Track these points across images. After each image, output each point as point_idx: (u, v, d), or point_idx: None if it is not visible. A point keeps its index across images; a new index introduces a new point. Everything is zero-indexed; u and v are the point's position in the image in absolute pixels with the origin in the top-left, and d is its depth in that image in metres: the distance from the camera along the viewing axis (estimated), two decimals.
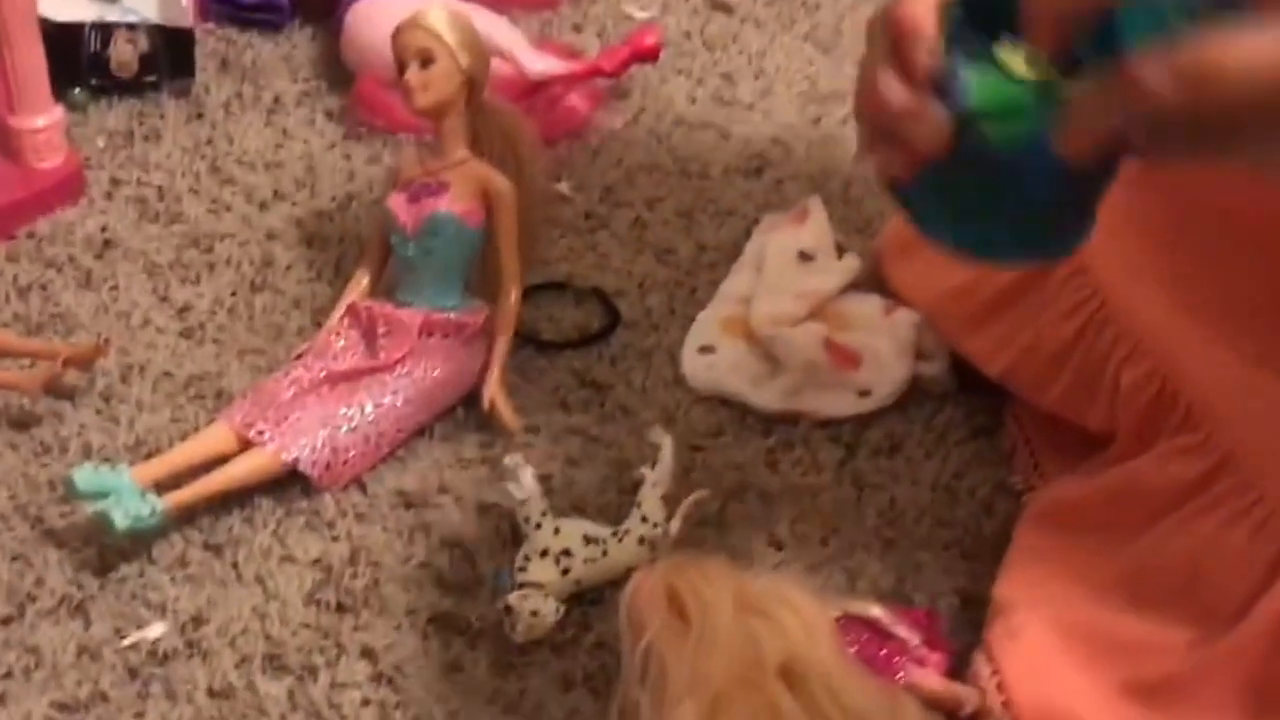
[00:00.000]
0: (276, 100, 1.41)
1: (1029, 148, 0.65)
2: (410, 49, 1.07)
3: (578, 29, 1.59)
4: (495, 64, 1.33)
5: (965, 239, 0.72)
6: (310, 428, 1.00)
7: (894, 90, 0.66)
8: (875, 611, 0.92)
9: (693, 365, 1.15)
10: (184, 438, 1.02)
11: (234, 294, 1.17)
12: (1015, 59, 0.66)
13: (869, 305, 1.20)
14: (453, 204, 1.06)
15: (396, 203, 1.08)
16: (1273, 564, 0.82)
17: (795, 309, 1.17)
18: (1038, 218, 0.70)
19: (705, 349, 1.16)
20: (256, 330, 1.14)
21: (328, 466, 0.99)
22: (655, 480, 0.99)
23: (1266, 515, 0.84)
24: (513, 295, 1.08)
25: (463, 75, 1.07)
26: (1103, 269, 0.98)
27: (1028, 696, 0.86)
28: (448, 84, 1.07)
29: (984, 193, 0.69)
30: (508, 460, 0.98)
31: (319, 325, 1.12)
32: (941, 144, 0.66)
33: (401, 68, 1.08)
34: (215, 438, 1.00)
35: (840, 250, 1.26)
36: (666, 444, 1.01)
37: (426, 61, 1.07)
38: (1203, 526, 0.86)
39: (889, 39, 0.67)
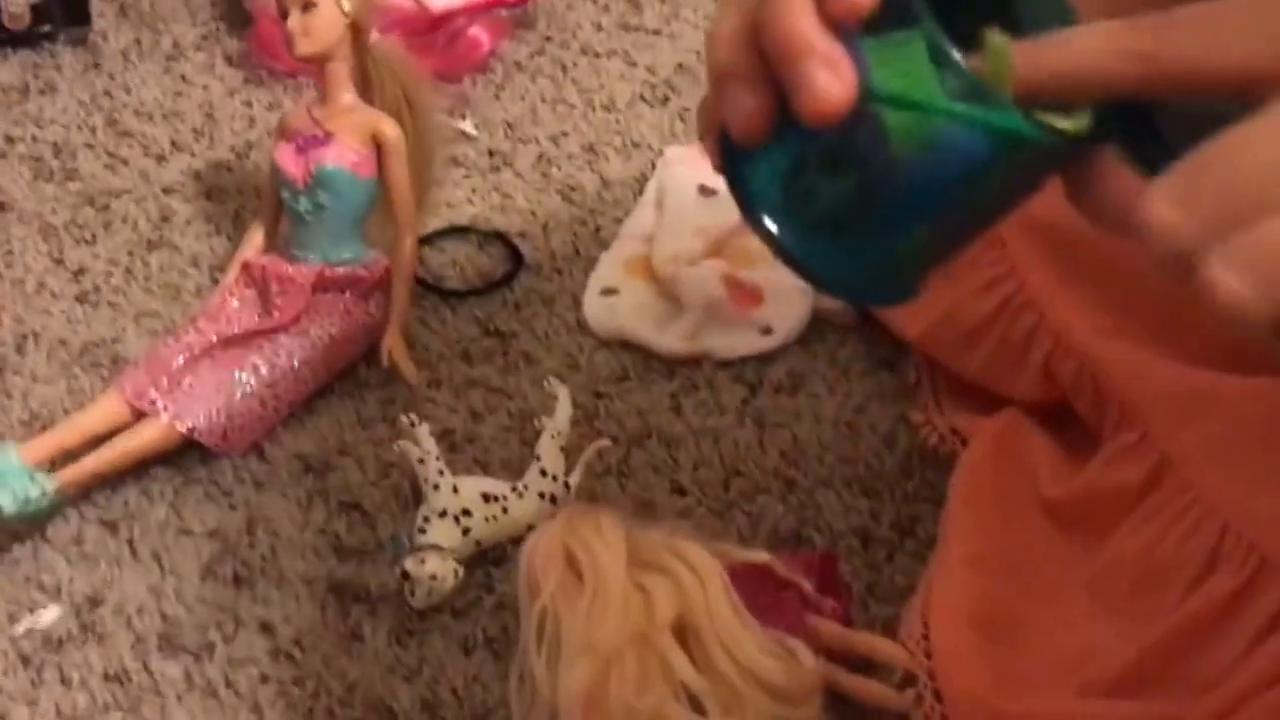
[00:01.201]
0: (175, 45, 1.38)
1: (937, 162, 0.49)
2: None
3: None
4: (396, 3, 1.30)
5: (798, 243, 0.53)
6: (205, 394, 0.98)
7: (805, 20, 0.48)
8: (767, 559, 0.91)
9: (595, 309, 1.14)
10: (80, 409, 1.00)
11: (130, 254, 1.16)
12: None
13: None
14: (341, 155, 1.04)
15: (284, 155, 1.06)
16: (1206, 564, 0.80)
17: (695, 246, 1.16)
18: (903, 249, 0.54)
19: (608, 291, 1.15)
20: (153, 291, 1.12)
21: (224, 434, 0.98)
22: (553, 432, 0.98)
23: (1201, 515, 0.82)
24: (407, 244, 1.06)
25: (346, 19, 1.05)
26: (1019, 248, 0.96)
27: (958, 685, 0.84)
28: (330, 29, 1.04)
29: (849, 197, 0.52)
30: (404, 418, 0.96)
31: (217, 283, 1.11)
32: (837, 108, 0.48)
33: (284, 13, 1.05)
34: (107, 409, 0.98)
35: None
36: (563, 394, 1.00)
37: (308, 6, 1.04)
38: (1150, 529, 0.85)
39: None
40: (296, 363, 1.02)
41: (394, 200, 1.06)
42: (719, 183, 1.18)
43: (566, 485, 0.97)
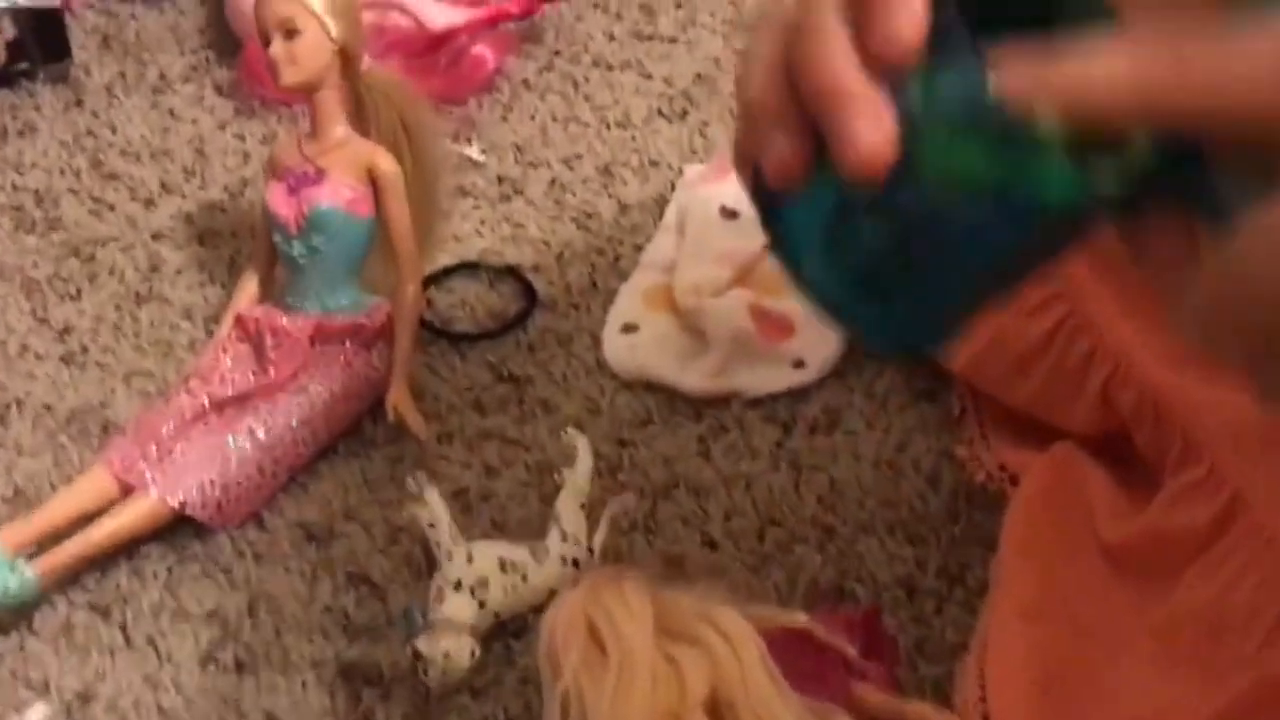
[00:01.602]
0: (162, 77, 1.31)
1: (981, 211, 0.45)
2: (273, 19, 0.98)
3: None
4: (393, 18, 1.24)
5: (835, 291, 0.49)
6: (197, 464, 0.92)
7: (843, 60, 0.44)
8: (806, 622, 0.84)
9: (615, 347, 1.07)
10: (68, 482, 0.94)
11: (118, 308, 1.09)
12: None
13: None
14: (335, 193, 0.97)
15: (275, 196, 0.99)
16: None
17: (719, 273, 1.09)
18: (948, 299, 0.50)
19: (628, 327, 1.08)
20: (144, 349, 1.06)
21: (219, 506, 0.91)
22: (573, 490, 0.91)
23: (1278, 560, 0.74)
24: (410, 288, 1.00)
25: (334, 45, 0.98)
26: (1071, 268, 0.89)
27: None
28: (317, 57, 0.98)
29: (891, 246, 0.48)
30: (411, 481, 0.90)
31: (211, 335, 1.04)
32: (878, 162, 0.44)
33: (266, 40, 0.98)
34: (95, 485, 0.92)
35: None
36: (583, 446, 0.93)
37: (291, 33, 0.97)
38: (1220, 576, 0.77)
39: None
40: (295, 423, 0.95)
41: (394, 240, 0.99)
42: (742, 203, 1.13)
43: (590, 548, 0.90)
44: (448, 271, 1.12)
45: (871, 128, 0.43)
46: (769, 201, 0.49)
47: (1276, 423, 0.78)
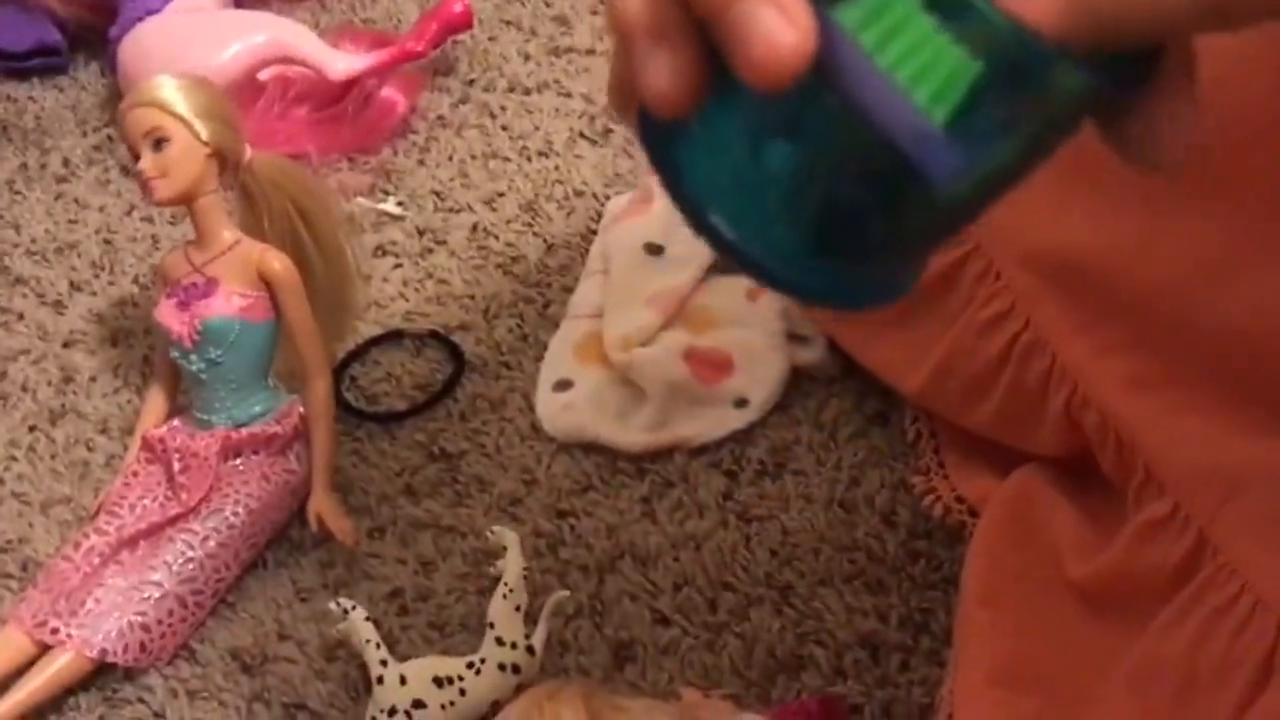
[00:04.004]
0: (66, 163, 1.24)
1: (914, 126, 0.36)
2: (138, 130, 0.90)
3: None
4: (298, 72, 1.16)
5: (755, 243, 0.40)
6: (113, 608, 0.86)
7: None
8: None
9: (549, 410, 1.00)
10: None
11: (32, 429, 1.02)
12: None
13: (731, 292, 1.04)
14: (227, 303, 0.90)
15: (165, 312, 0.92)
16: (1262, 666, 0.65)
17: (649, 318, 1.02)
18: (890, 237, 0.41)
19: (562, 384, 1.01)
20: (60, 472, 0.99)
21: (142, 646, 0.85)
22: (505, 592, 0.85)
23: (1252, 606, 0.67)
24: (320, 386, 0.93)
25: (207, 149, 0.90)
26: (1020, 280, 0.81)
27: None
28: (190, 164, 0.90)
29: (816, 179, 0.39)
30: (334, 607, 0.83)
31: (128, 449, 0.97)
32: (792, 63, 0.35)
33: (136, 155, 0.90)
34: (9, 645, 0.86)
35: None
36: (512, 546, 0.87)
37: (160, 142, 0.89)
38: (1191, 623, 0.69)
39: None
40: (215, 547, 0.89)
41: (296, 340, 0.92)
42: (667, 237, 1.05)
43: (529, 649, 0.83)
44: (370, 344, 1.05)
45: (780, 20, 0.35)
46: (660, 141, 0.40)
47: (1243, 461, 0.71)
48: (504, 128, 1.24)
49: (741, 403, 0.98)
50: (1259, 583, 0.67)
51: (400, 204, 1.17)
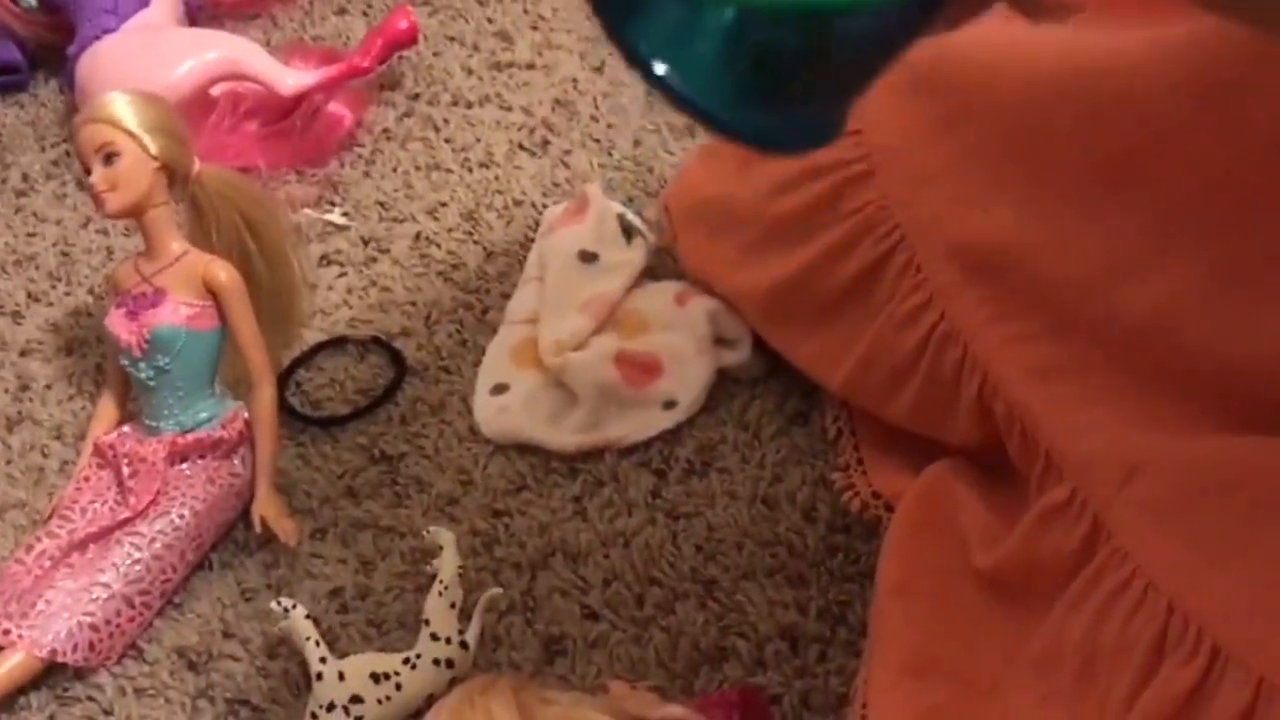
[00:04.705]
0: (25, 178, 1.25)
1: None
2: (89, 145, 0.91)
3: (341, 12, 1.41)
4: (249, 88, 1.17)
5: (694, 83, 0.41)
6: (63, 609, 0.87)
7: None
8: (681, 713, 0.79)
9: (485, 411, 1.01)
10: None
11: None
12: None
13: (661, 297, 1.05)
14: (175, 311, 0.91)
15: (114, 321, 0.93)
16: (1155, 647, 0.67)
17: (582, 323, 1.03)
18: (809, 74, 0.42)
19: (499, 388, 1.02)
20: (16, 478, 1.00)
21: (91, 646, 0.86)
22: (440, 589, 0.86)
23: (1143, 591, 0.68)
24: (264, 393, 0.94)
25: (156, 162, 0.91)
26: (938, 274, 0.83)
27: None
28: (139, 178, 0.91)
29: (744, 20, 0.41)
30: (274, 606, 0.85)
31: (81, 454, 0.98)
32: None
33: (87, 169, 0.92)
34: None
35: (629, 231, 1.10)
36: (447, 545, 0.88)
37: (110, 156, 0.90)
38: (1089, 606, 0.71)
39: None
40: (161, 550, 0.90)
41: (242, 347, 0.94)
42: (600, 244, 1.06)
43: (463, 644, 0.85)
44: (315, 350, 1.06)
45: None
46: (611, 5, 0.42)
47: (1139, 448, 0.73)
48: (447, 140, 1.25)
49: (670, 404, 1.00)
50: (1150, 566, 0.68)
51: (345, 214, 1.18)
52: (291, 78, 1.24)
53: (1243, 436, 0.67)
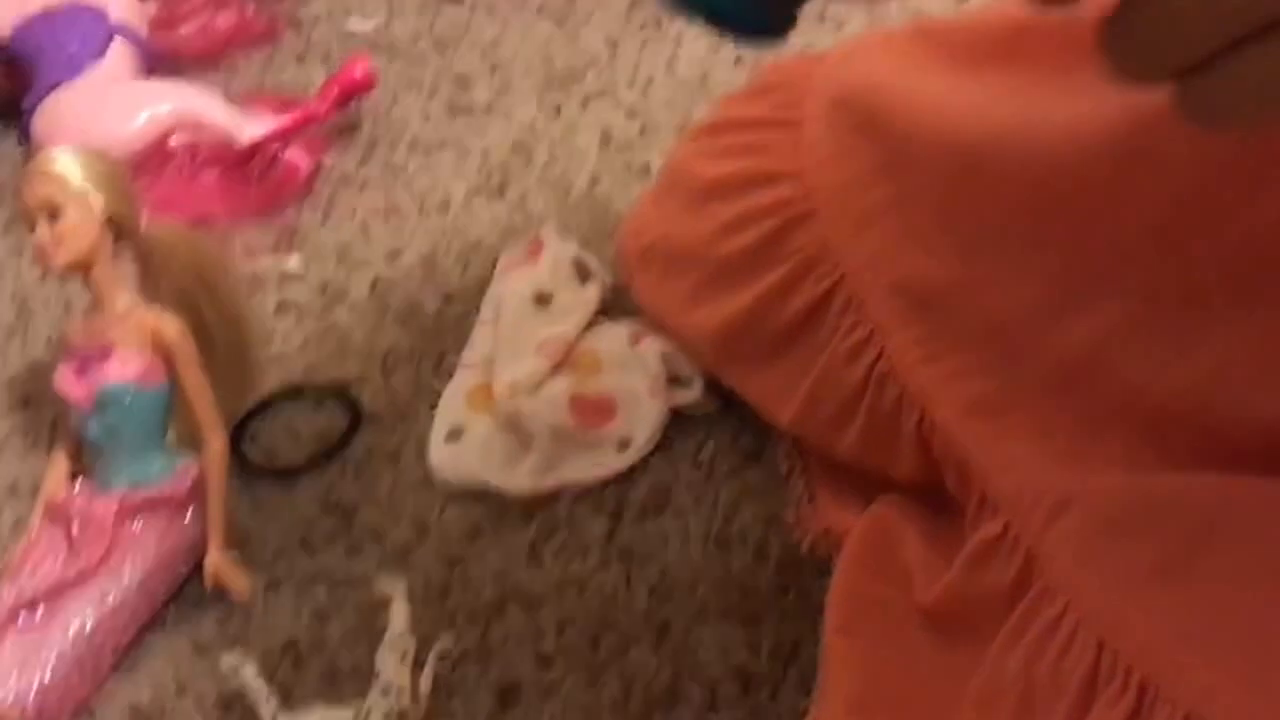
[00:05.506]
0: None
1: None
2: (33, 202, 0.89)
3: (300, 59, 1.39)
4: (205, 137, 1.16)
5: None
6: (11, 670, 0.84)
7: None
8: None
9: (440, 457, 0.99)
10: None
11: None
12: None
13: (615, 337, 1.04)
14: (123, 368, 0.90)
15: (64, 379, 0.91)
16: (1086, 686, 0.65)
17: (537, 366, 1.01)
18: None
19: (454, 433, 1.01)
20: None
21: (40, 710, 0.84)
22: (390, 641, 0.84)
23: (1075, 628, 0.66)
24: (215, 447, 0.92)
25: (101, 219, 0.89)
26: (879, 310, 0.82)
27: None
28: (84, 234, 0.89)
29: None
30: (224, 664, 0.83)
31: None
32: None
33: (32, 226, 0.90)
34: None
35: (584, 273, 1.08)
36: (398, 595, 0.86)
37: (54, 213, 0.89)
38: (1024, 643, 0.69)
39: None
40: (112, 609, 0.88)
41: (191, 403, 0.91)
42: (555, 284, 1.05)
43: (415, 696, 0.83)
44: (270, 400, 1.04)
45: None
46: None
47: (1069, 481, 0.72)
48: (405, 185, 1.24)
49: (624, 445, 0.98)
50: (1080, 602, 0.67)
51: (303, 262, 1.16)
52: (248, 126, 1.22)
53: (1169, 472, 0.66)
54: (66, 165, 0.90)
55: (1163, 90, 0.42)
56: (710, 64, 1.32)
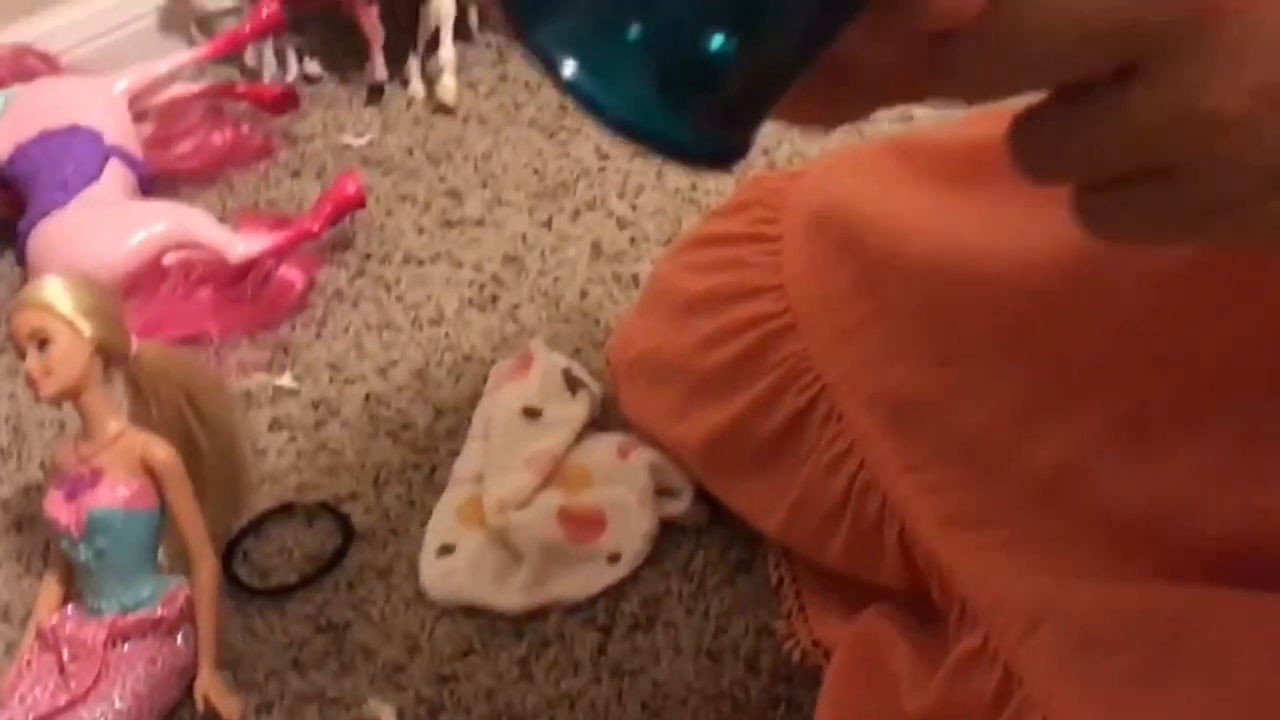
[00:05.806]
0: None
1: None
2: (23, 332, 0.90)
3: (295, 174, 1.41)
4: (199, 256, 1.17)
5: (603, 86, 0.39)
6: None
7: None
8: None
9: (431, 575, 0.99)
10: None
11: None
12: None
13: (604, 450, 1.04)
14: (113, 493, 0.89)
15: (53, 504, 0.91)
16: None
17: (527, 480, 1.01)
18: (727, 77, 0.40)
19: (445, 549, 1.00)
20: None
21: None
22: None
23: None
24: (205, 571, 0.92)
25: (91, 346, 0.89)
26: (859, 421, 0.82)
27: None
28: (74, 362, 0.90)
29: (660, 21, 0.39)
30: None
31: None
32: None
33: (22, 354, 0.90)
34: None
35: (574, 385, 1.09)
36: (388, 716, 0.85)
37: (43, 342, 0.89)
38: None
39: None
40: None
41: (181, 527, 0.91)
42: (544, 399, 1.05)
43: None
44: (262, 518, 1.04)
45: None
46: (521, 11, 0.39)
47: (1043, 595, 0.71)
48: (398, 299, 1.24)
49: (614, 558, 0.98)
50: (1057, 714, 0.66)
51: (296, 378, 1.16)
52: (241, 245, 1.23)
53: (1140, 583, 0.66)
54: (55, 295, 0.91)
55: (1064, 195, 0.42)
56: (699, 174, 1.33)
